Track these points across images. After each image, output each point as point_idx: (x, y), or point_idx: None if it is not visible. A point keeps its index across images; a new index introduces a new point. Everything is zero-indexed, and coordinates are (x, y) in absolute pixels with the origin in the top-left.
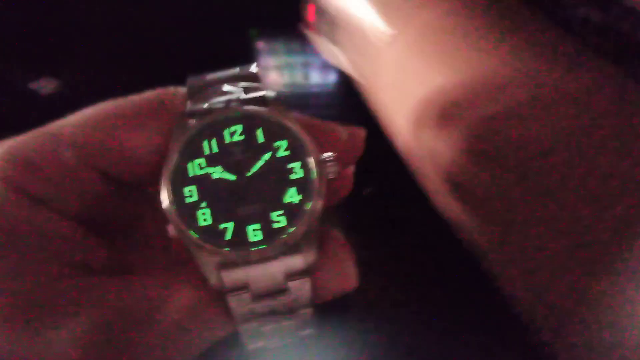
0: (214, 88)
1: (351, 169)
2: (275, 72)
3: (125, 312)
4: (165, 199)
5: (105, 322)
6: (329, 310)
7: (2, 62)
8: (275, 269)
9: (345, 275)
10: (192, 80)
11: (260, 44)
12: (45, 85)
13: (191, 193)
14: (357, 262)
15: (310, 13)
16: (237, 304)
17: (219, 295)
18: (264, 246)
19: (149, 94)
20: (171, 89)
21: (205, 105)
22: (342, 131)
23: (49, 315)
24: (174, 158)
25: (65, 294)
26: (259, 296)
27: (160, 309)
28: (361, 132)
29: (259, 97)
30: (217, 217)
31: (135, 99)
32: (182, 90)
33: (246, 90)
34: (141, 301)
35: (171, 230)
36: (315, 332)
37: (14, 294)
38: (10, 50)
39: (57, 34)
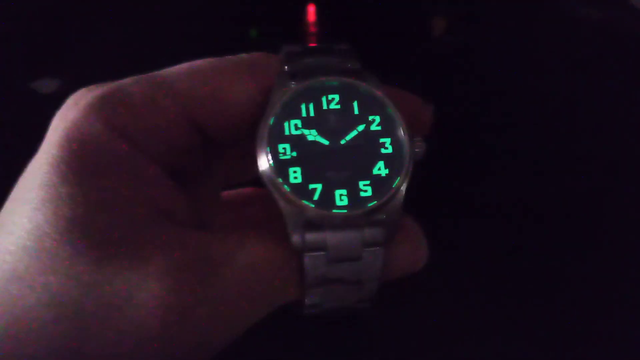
0: (311, 57)
1: None
2: None
3: (202, 261)
4: (261, 152)
5: (184, 267)
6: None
7: (2, 62)
8: (355, 237)
9: (416, 252)
10: (288, 47)
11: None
12: (45, 85)
13: (285, 150)
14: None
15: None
16: (313, 264)
17: (295, 255)
18: (347, 211)
19: (245, 55)
20: (267, 53)
21: (306, 68)
22: (425, 105)
23: (135, 253)
24: (273, 115)
25: (151, 236)
26: (334, 260)
27: (233, 260)
28: (430, 107)
29: (356, 69)
30: (308, 177)
31: (232, 57)
32: (276, 56)
33: (341, 61)
34: (217, 251)
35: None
36: (371, 307)
37: (103, 227)
38: (10, 50)
39: (57, 34)
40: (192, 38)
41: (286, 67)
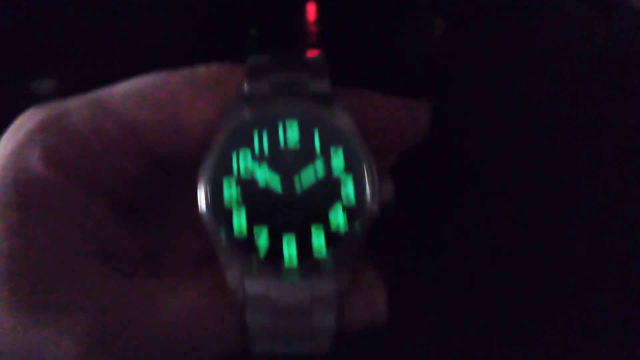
0: (277, 73)
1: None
2: None
3: (130, 307)
4: (201, 189)
5: (107, 317)
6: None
7: (2, 62)
8: (302, 290)
9: (374, 307)
10: (254, 59)
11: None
12: (45, 85)
13: (229, 188)
14: (388, 295)
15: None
16: (254, 315)
17: (236, 305)
18: (297, 264)
19: (204, 69)
20: (229, 66)
21: (265, 91)
22: (418, 109)
23: (57, 303)
24: (219, 146)
25: (78, 280)
26: (279, 313)
27: (166, 307)
28: (427, 107)
29: (323, 92)
30: (252, 220)
31: (187, 73)
32: (240, 68)
33: (310, 79)
34: (148, 297)
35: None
36: (327, 354)
37: (28, 270)
38: (10, 50)
39: (56, 34)
40: (192, 37)
41: (245, 86)
